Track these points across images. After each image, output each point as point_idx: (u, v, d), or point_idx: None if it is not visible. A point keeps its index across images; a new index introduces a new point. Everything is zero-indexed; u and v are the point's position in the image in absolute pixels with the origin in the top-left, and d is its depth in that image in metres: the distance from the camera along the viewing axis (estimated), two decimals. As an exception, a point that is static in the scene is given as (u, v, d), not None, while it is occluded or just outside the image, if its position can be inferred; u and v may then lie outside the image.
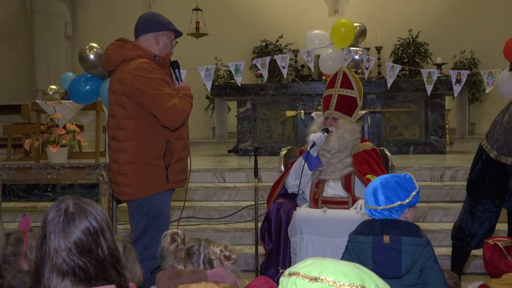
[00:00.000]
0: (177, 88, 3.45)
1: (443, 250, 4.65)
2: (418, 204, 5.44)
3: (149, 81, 3.20)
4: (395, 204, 2.38)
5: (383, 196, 2.39)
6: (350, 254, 2.46)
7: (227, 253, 2.10)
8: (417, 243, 2.35)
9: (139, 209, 3.34)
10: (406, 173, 2.52)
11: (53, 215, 1.63)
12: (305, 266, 1.21)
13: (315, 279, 1.16)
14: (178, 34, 3.53)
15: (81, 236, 1.61)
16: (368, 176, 2.95)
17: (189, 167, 3.59)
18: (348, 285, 1.15)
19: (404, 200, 2.39)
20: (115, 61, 3.35)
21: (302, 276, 1.18)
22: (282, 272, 1.26)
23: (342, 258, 2.53)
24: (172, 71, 3.54)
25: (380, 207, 2.38)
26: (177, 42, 3.57)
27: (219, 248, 2.10)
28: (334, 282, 1.15)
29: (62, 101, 7.01)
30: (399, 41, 11.16)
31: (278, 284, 1.29)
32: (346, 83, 4.05)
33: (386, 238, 2.34)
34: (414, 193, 2.43)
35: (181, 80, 3.56)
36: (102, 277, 1.63)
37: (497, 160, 3.50)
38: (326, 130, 3.95)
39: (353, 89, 4.04)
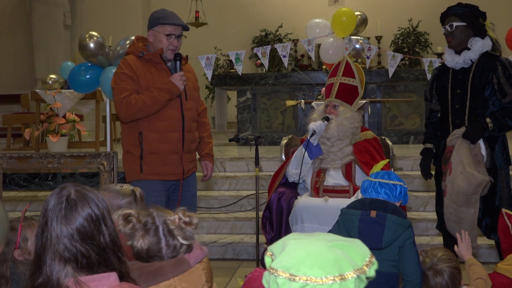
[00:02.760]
0: (165, 81, 3.51)
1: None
2: (418, 193, 5.48)
3: (115, 76, 3.54)
4: (402, 184, 2.72)
5: (395, 176, 2.74)
6: (340, 226, 2.71)
7: (187, 219, 2.01)
8: (400, 223, 2.59)
9: None
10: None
11: (55, 202, 1.62)
12: (283, 259, 1.25)
13: (293, 278, 1.21)
14: (176, 26, 3.55)
15: (84, 223, 1.61)
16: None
17: (182, 162, 3.60)
18: (326, 278, 1.20)
19: (405, 184, 2.75)
20: None
21: (281, 273, 1.23)
22: (265, 249, 1.29)
23: (331, 230, 2.78)
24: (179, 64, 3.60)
25: (391, 181, 2.70)
26: (181, 35, 3.59)
27: (177, 216, 2.01)
28: (311, 279, 1.20)
29: (62, 90, 6.99)
30: (399, 30, 11.12)
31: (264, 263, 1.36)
32: (348, 72, 4.05)
33: (373, 213, 2.61)
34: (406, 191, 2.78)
35: (179, 71, 3.57)
36: (104, 264, 1.62)
37: None
38: (326, 118, 3.94)
39: (354, 77, 4.03)
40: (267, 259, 1.32)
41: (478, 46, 3.74)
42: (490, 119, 3.62)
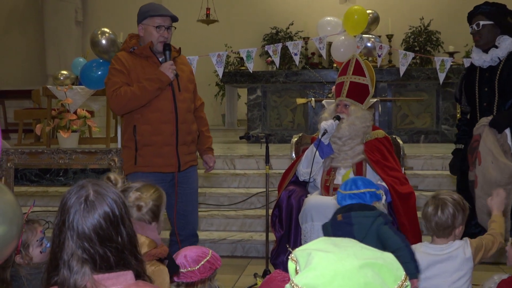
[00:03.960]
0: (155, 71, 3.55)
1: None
2: (429, 193, 5.47)
3: (108, 72, 3.61)
4: (371, 190, 2.82)
5: (362, 183, 2.85)
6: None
7: (140, 203, 2.21)
8: (367, 215, 2.74)
9: None
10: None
11: (73, 201, 1.59)
12: (307, 276, 1.14)
13: None
14: (164, 17, 3.57)
15: (102, 224, 1.57)
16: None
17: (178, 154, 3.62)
18: None
19: (377, 189, 2.86)
20: None
21: None
22: (290, 253, 1.23)
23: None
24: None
25: (359, 190, 2.81)
26: (170, 27, 3.59)
27: (135, 196, 2.20)
28: None
29: (73, 86, 7.02)
30: (410, 29, 11.06)
31: (287, 265, 1.25)
32: (359, 70, 4.03)
33: (339, 217, 2.81)
34: (381, 191, 2.91)
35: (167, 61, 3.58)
36: (122, 264, 1.60)
37: None
38: (338, 118, 3.93)
39: (365, 76, 4.01)
40: (291, 265, 1.22)
41: (507, 44, 3.71)
42: None
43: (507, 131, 3.60)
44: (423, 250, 2.70)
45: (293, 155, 4.37)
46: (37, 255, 2.63)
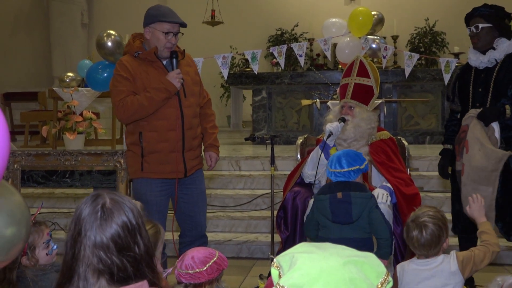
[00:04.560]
0: (161, 79, 3.50)
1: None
2: (434, 194, 5.45)
3: (112, 79, 3.59)
4: (355, 168, 3.10)
5: (346, 162, 3.10)
6: (314, 211, 3.20)
7: None
8: (363, 197, 3.06)
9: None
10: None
11: (89, 210, 1.53)
12: (292, 276, 1.14)
13: None
14: (174, 24, 3.52)
15: (120, 233, 1.52)
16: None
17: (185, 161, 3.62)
18: None
19: (361, 165, 3.13)
20: None
21: None
22: (272, 259, 1.23)
23: (308, 216, 3.32)
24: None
25: (343, 169, 3.09)
26: (178, 33, 3.54)
27: None
28: None
29: (79, 88, 7.05)
30: (415, 30, 11.05)
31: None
32: (363, 72, 4.02)
33: (340, 195, 3.07)
34: (366, 162, 3.20)
35: (174, 69, 3.54)
36: (139, 276, 1.55)
37: None
38: (343, 120, 3.93)
39: (369, 77, 4.01)
40: (274, 272, 1.22)
41: (504, 47, 3.70)
42: (510, 106, 3.59)
43: (495, 125, 3.58)
44: (412, 268, 2.70)
45: (298, 156, 4.38)
46: (43, 257, 2.64)
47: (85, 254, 1.51)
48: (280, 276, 1.19)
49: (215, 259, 2.45)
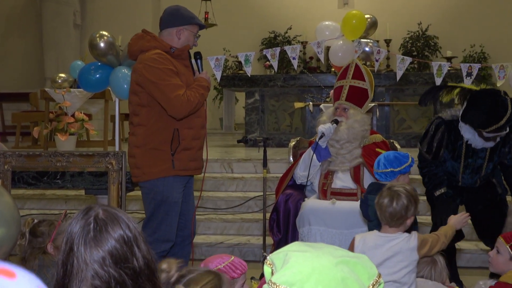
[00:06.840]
0: (194, 79, 3.53)
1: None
2: (424, 197, 5.46)
3: (158, 72, 3.33)
4: (388, 170, 3.22)
5: (383, 164, 3.25)
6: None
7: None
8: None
9: (147, 194, 3.53)
10: (407, 153, 3.36)
11: (81, 224, 1.43)
12: (285, 273, 1.15)
13: None
14: (201, 27, 3.63)
15: (116, 245, 1.42)
16: (378, 149, 3.76)
17: (206, 157, 3.69)
18: None
19: (396, 168, 3.22)
20: (134, 52, 3.54)
21: None
22: (265, 257, 1.23)
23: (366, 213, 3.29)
24: (195, 62, 3.64)
25: (378, 170, 3.26)
26: (199, 35, 3.66)
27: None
28: None
29: (71, 89, 7.02)
30: (408, 34, 11.09)
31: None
32: (358, 75, 4.04)
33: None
34: (405, 165, 3.26)
35: (201, 71, 3.63)
36: None
37: None
38: (336, 121, 3.94)
39: (364, 80, 4.02)
40: (267, 269, 1.22)
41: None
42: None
43: None
44: (373, 238, 2.76)
45: (291, 159, 4.38)
46: None
47: (78, 270, 1.41)
48: (272, 274, 1.20)
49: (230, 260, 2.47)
